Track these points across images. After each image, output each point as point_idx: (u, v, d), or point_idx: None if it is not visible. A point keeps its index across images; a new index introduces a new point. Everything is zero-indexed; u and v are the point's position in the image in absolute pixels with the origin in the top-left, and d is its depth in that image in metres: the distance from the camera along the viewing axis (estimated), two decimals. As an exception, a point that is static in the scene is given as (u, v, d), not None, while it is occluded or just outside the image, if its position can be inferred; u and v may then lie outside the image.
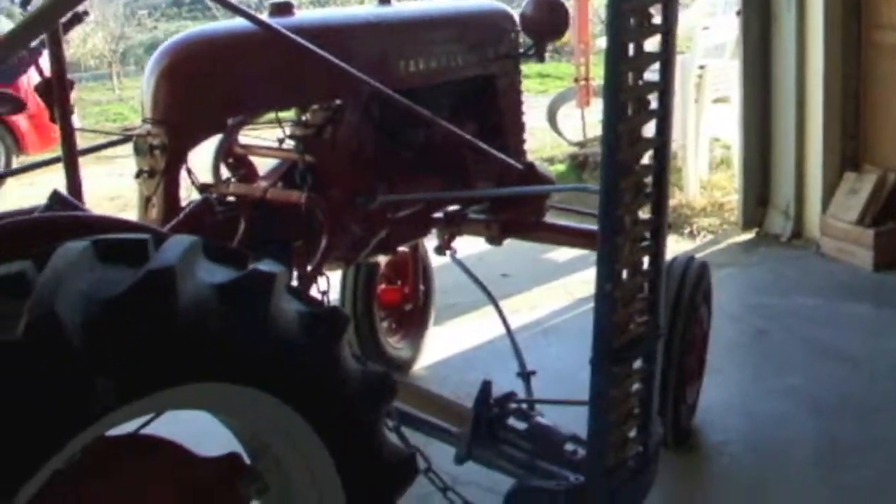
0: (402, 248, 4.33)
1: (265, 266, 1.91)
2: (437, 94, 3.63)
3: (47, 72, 2.68)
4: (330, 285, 3.16)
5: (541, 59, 3.83)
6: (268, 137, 3.57)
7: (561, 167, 8.19)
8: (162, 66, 2.99)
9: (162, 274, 1.68)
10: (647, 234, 2.47)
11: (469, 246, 4.19)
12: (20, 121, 9.80)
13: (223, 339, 1.78)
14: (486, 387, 2.86)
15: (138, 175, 3.01)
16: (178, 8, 20.86)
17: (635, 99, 2.31)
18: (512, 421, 2.87)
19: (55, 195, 2.16)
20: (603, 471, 2.52)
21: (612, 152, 2.28)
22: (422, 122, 3.46)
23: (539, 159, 7.35)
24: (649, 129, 2.39)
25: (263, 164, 3.58)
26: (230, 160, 3.53)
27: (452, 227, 3.86)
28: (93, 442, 1.83)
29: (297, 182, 3.15)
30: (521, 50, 3.84)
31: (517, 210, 3.79)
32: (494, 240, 3.88)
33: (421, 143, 3.63)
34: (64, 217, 1.98)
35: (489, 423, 2.85)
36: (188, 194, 3.09)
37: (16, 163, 9.69)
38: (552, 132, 8.91)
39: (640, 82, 2.30)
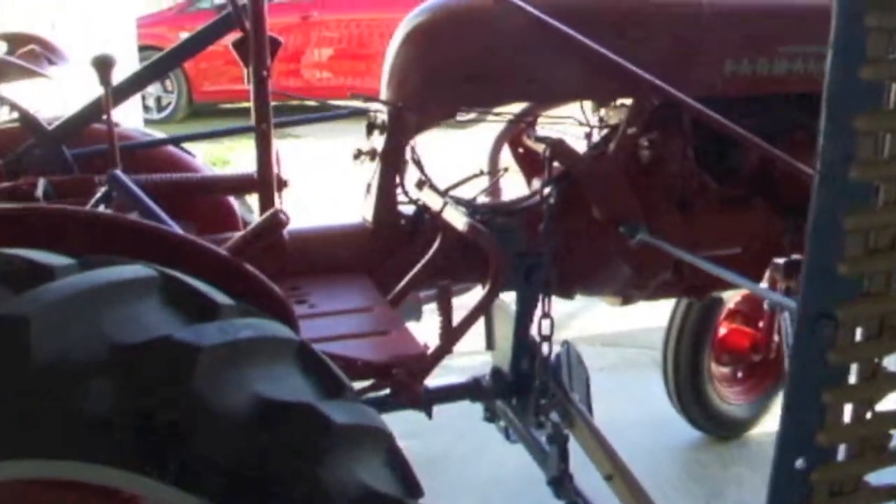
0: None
1: (217, 332, 1.40)
2: (785, 107, 2.75)
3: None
4: (553, 328, 2.52)
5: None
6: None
7: None
8: (399, 34, 2.53)
9: (6, 322, 1.28)
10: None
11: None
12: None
13: (106, 412, 1.33)
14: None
15: (356, 157, 2.60)
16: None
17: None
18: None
19: (111, 178, 1.83)
20: None
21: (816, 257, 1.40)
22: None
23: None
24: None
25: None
26: (520, 150, 3.01)
27: (789, 281, 2.95)
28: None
29: (540, 193, 2.53)
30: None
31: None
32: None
33: (750, 168, 2.78)
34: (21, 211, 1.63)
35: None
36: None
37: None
38: None
39: None
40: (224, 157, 8.96)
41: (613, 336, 4.83)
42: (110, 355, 1.33)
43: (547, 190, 2.48)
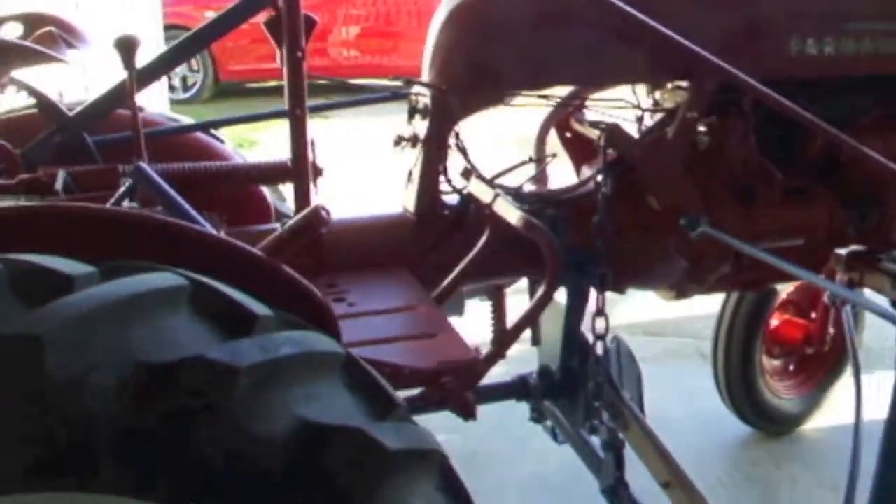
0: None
1: (256, 349, 1.25)
2: (852, 90, 2.57)
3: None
4: (608, 328, 2.36)
5: None
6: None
7: None
8: (442, 12, 2.37)
9: (14, 342, 1.13)
10: None
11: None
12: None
13: (131, 441, 1.19)
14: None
15: (397, 143, 2.44)
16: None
17: None
18: None
19: (136, 171, 1.68)
20: None
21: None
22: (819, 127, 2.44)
23: None
24: None
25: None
26: (567, 135, 2.84)
27: (851, 273, 2.77)
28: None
29: (594, 181, 2.36)
30: None
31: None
32: (902, 301, 2.72)
33: (815, 156, 2.60)
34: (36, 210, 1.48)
35: None
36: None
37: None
38: None
39: None
40: (251, 137, 8.81)
41: (656, 325, 4.65)
42: (136, 378, 1.18)
43: (601, 178, 2.31)
